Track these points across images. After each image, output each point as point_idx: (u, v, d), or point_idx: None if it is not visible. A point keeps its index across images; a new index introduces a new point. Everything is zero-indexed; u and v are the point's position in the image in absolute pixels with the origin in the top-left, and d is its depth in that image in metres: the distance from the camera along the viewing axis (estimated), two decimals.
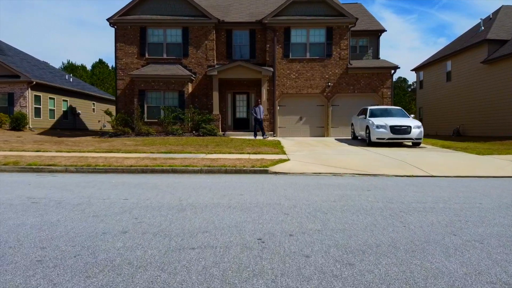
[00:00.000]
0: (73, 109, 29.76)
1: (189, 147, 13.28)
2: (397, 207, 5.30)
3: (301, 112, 21.03)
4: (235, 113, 21.75)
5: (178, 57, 20.92)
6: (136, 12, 20.92)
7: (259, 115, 17.99)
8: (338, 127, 20.96)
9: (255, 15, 22.04)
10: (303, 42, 20.86)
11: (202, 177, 8.19)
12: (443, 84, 29.27)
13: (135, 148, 13.21)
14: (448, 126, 28.13)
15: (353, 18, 20.42)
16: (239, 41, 21.47)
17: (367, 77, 20.76)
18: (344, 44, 20.72)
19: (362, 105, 20.74)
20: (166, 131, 18.85)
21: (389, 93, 20.72)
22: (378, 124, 14.74)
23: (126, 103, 20.89)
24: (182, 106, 20.11)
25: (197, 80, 20.96)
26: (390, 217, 4.74)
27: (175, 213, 4.92)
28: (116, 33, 20.92)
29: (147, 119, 20.12)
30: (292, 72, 20.90)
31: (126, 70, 20.87)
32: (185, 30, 20.82)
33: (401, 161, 10.49)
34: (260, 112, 18.05)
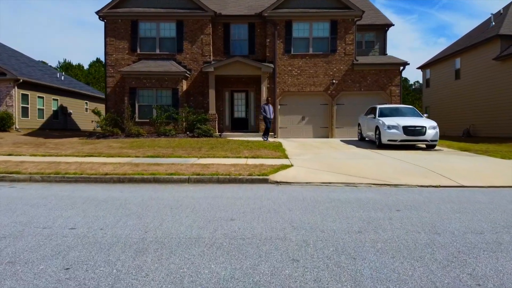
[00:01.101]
0: (64, 108, 28.40)
1: (180, 150, 11.91)
2: (450, 243, 3.90)
3: (303, 111, 19.66)
4: (233, 112, 20.39)
5: (172, 53, 19.55)
6: (127, 4, 19.55)
7: (269, 114, 16.57)
8: (343, 127, 19.58)
9: (255, 7, 20.67)
10: (305, 36, 19.48)
11: (188, 188, 6.81)
12: (451, 82, 27.90)
13: (119, 151, 11.84)
14: (457, 126, 26.76)
15: (359, 10, 19.05)
16: (237, 35, 20.11)
17: (374, 74, 19.39)
18: (349, 39, 19.34)
19: (368, 103, 19.36)
20: (158, 132, 17.49)
21: (398, 91, 19.34)
22: (389, 124, 13.37)
23: (117, 101, 19.52)
24: (176, 105, 18.74)
25: (192, 77, 19.59)
26: (449, 264, 3.32)
27: (130, 258, 3.48)
28: (105, 27, 19.56)
29: (138, 118, 18.75)
30: (294, 69, 19.53)
31: (116, 67, 19.50)
32: (179, 24, 19.46)
33: (421, 167, 9.12)
34: (269, 111, 16.62)
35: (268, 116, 16.58)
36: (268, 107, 16.69)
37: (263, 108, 16.69)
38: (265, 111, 16.65)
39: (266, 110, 16.66)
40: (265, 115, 16.62)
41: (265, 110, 16.65)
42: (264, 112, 16.63)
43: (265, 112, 16.65)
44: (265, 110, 16.66)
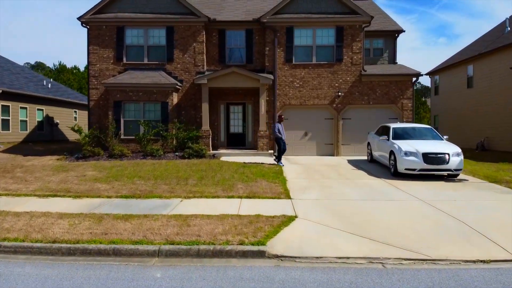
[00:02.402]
0: (50, 119, 26.61)
1: (163, 185, 10.12)
2: None
3: (306, 126, 17.88)
4: (228, 127, 18.60)
5: (161, 62, 17.76)
6: (113, 9, 17.77)
7: (283, 135, 14.24)
8: (350, 144, 17.79)
9: (253, 12, 18.88)
10: (308, 44, 17.69)
11: (154, 274, 5.01)
12: (463, 90, 26.11)
13: (90, 186, 10.05)
14: (470, 137, 24.97)
15: (368, 16, 17.27)
16: (233, 43, 18.32)
17: (384, 86, 17.59)
18: (357, 47, 17.55)
19: (378, 118, 17.60)
20: (144, 151, 15.70)
21: (410, 105, 17.55)
22: (406, 150, 11.58)
23: (101, 116, 17.73)
24: (165, 120, 16.95)
25: (184, 89, 17.81)
26: None
27: None
28: (88, 34, 17.78)
29: (124, 135, 16.97)
30: (295, 80, 17.75)
31: (100, 78, 17.72)
32: (169, 30, 17.67)
33: (457, 219, 7.33)
34: (283, 131, 14.33)
35: (283, 136, 14.23)
36: (281, 126, 14.33)
37: (276, 128, 14.16)
38: (279, 131, 14.18)
39: (280, 130, 14.20)
40: (279, 136, 14.08)
41: (279, 130, 14.18)
42: (279, 133, 14.11)
43: (280, 132, 14.16)
44: (279, 130, 14.16)
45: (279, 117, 14.63)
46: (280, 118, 14.58)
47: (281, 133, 14.11)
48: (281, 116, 14.74)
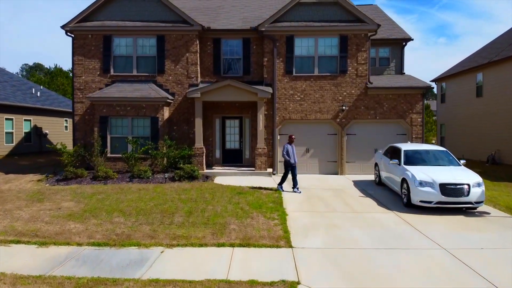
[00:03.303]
0: (38, 129, 25.35)
1: (144, 224, 8.83)
2: None
3: (308, 142, 16.60)
4: (224, 142, 17.32)
5: (151, 74, 16.49)
6: (99, 17, 16.50)
7: (294, 158, 12.59)
8: (356, 161, 16.51)
9: (250, 20, 17.62)
10: (310, 54, 16.42)
11: None
12: (472, 99, 24.83)
13: (63, 225, 8.77)
14: (479, 149, 23.71)
15: (374, 24, 15.99)
16: (229, 53, 17.05)
17: (391, 99, 16.31)
18: (362, 58, 16.27)
19: (385, 134, 16.34)
20: (132, 172, 14.42)
21: (420, 120, 16.27)
22: (421, 179, 10.30)
23: (86, 132, 16.46)
24: (155, 136, 15.68)
25: (176, 102, 16.53)
26: None
27: None
28: (73, 44, 16.50)
29: (110, 153, 15.71)
30: (296, 93, 16.47)
31: (86, 91, 16.45)
32: (160, 40, 16.39)
33: (489, 282, 6.06)
34: (294, 153, 12.66)
35: (293, 160, 12.56)
36: (292, 148, 12.67)
37: (285, 150, 12.55)
38: (288, 153, 12.52)
39: (289, 152, 12.54)
40: (287, 159, 12.51)
41: (288, 153, 12.53)
42: (287, 155, 12.50)
43: (288, 154, 12.52)
44: (287, 152, 12.54)
45: (289, 137, 12.87)
46: (291, 139, 12.81)
47: (290, 156, 12.47)
48: (291, 137, 12.89)
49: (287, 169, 12.61)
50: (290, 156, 12.51)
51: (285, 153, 12.52)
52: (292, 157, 12.53)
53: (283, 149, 12.62)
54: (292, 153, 12.56)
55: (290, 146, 12.64)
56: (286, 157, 12.50)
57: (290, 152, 12.54)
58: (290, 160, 12.50)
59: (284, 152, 12.54)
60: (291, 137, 12.93)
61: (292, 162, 12.54)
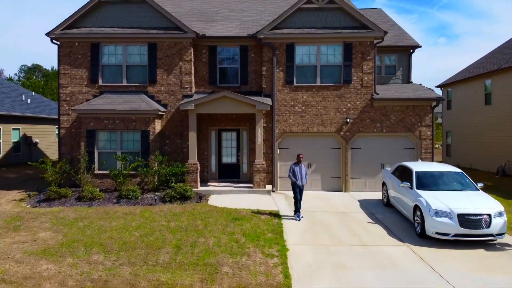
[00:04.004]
0: (27, 138, 24.29)
1: (125, 265, 7.76)
2: None
3: (309, 157, 15.54)
4: (220, 156, 16.26)
5: (142, 84, 15.43)
6: (87, 23, 15.44)
7: (301, 179, 11.28)
8: (361, 177, 15.45)
9: (248, 26, 16.57)
10: (312, 63, 15.37)
11: None
12: (480, 107, 23.76)
13: (33, 267, 7.71)
14: (487, 159, 22.68)
15: (380, 31, 14.93)
16: (226, 61, 16.00)
17: (399, 112, 15.26)
18: (367, 67, 15.22)
19: (392, 148, 15.29)
20: (120, 191, 13.34)
21: (429, 133, 15.21)
22: (437, 208, 9.25)
23: (73, 146, 15.40)
24: (146, 151, 14.63)
25: (169, 114, 15.47)
26: None
27: None
28: (59, 52, 15.44)
29: (98, 169, 14.66)
30: (297, 104, 15.42)
31: (72, 102, 15.40)
32: (152, 48, 15.34)
33: None
34: (302, 174, 11.32)
35: (299, 182, 11.25)
36: (299, 169, 11.35)
37: (291, 170, 11.35)
38: (294, 174, 11.29)
39: (296, 172, 11.29)
40: (294, 180, 11.26)
41: (294, 173, 11.29)
42: (293, 176, 11.28)
43: (295, 175, 11.27)
44: (294, 173, 11.29)
45: (297, 157, 11.50)
46: (299, 159, 11.46)
47: (296, 177, 11.24)
48: (299, 156, 11.51)
49: (295, 190, 11.33)
50: (297, 177, 11.26)
51: (290, 174, 11.30)
52: (299, 178, 11.26)
53: (289, 169, 11.40)
54: (299, 174, 11.28)
55: (297, 167, 11.36)
56: (292, 178, 11.28)
57: (297, 172, 11.28)
58: (297, 182, 11.24)
59: (290, 173, 11.32)
60: (298, 156, 11.53)
61: (299, 184, 11.26)
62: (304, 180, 11.36)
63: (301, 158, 11.52)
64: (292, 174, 11.30)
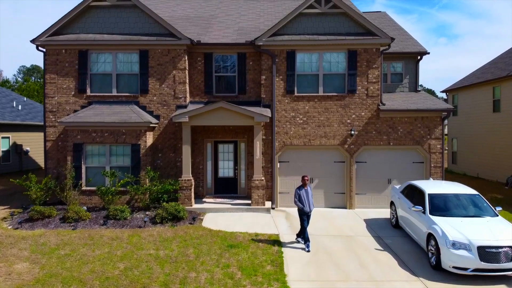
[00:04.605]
0: (18, 146, 23.36)
1: None
2: None
3: (311, 171, 14.60)
4: (217, 170, 15.33)
5: (133, 94, 14.50)
6: (74, 29, 14.52)
7: (308, 205, 10.04)
8: (366, 193, 14.51)
9: (246, 32, 15.64)
10: (314, 72, 14.44)
11: None
12: (487, 114, 22.83)
13: None
14: (496, 168, 21.76)
15: (387, 37, 14.00)
16: (223, 69, 15.07)
17: (407, 123, 14.32)
18: (373, 75, 14.28)
19: (399, 162, 14.38)
20: (108, 211, 12.41)
21: (439, 146, 14.27)
22: (455, 239, 8.31)
23: (59, 161, 14.48)
24: (136, 166, 13.70)
25: (161, 126, 14.54)
26: None
27: None
28: (45, 60, 14.52)
29: (86, 186, 13.73)
30: (298, 115, 14.49)
31: (59, 113, 14.47)
32: (143, 55, 14.41)
33: None
34: (309, 199, 10.09)
35: (307, 208, 10.00)
36: (306, 193, 10.11)
37: (296, 195, 10.08)
38: (301, 199, 10.05)
39: (302, 197, 10.05)
40: (301, 206, 10.03)
41: (301, 198, 10.05)
42: (300, 202, 10.05)
43: (301, 201, 10.03)
44: (300, 198, 10.06)
45: (302, 179, 10.22)
46: (304, 181, 10.17)
47: (303, 202, 9.99)
48: (304, 179, 10.18)
49: (302, 217, 10.06)
50: (304, 203, 10.02)
51: (296, 199, 10.05)
52: (306, 204, 10.01)
53: (295, 195, 10.11)
54: (305, 198, 10.04)
55: (302, 191, 10.09)
56: (298, 205, 10.03)
57: (303, 197, 10.04)
58: (304, 208, 9.99)
59: (296, 198, 10.06)
60: (303, 178, 10.22)
61: (306, 210, 9.99)
62: (312, 206, 10.15)
63: (306, 181, 10.19)
64: (298, 200, 10.03)
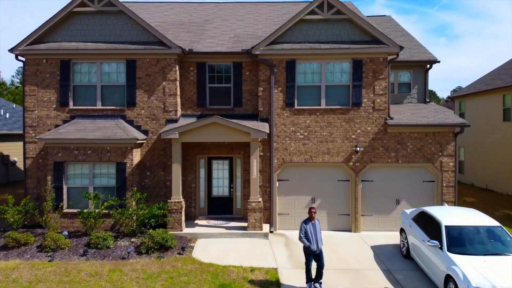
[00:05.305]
0: (4, 157, 22.26)
1: None
2: None
3: (313, 190, 13.46)
4: (211, 188, 14.18)
5: (119, 107, 13.36)
6: (56, 37, 13.41)
7: (316, 243, 8.58)
8: (373, 215, 13.36)
9: (243, 38, 14.52)
10: (316, 83, 13.30)
11: None
12: (497, 123, 21.70)
13: None
14: (506, 180, 20.68)
15: (395, 46, 12.86)
16: (217, 80, 13.94)
17: (417, 139, 13.17)
18: (380, 87, 13.15)
19: (409, 180, 13.27)
20: (89, 237, 11.26)
21: (452, 164, 13.12)
22: (478, 285, 7.15)
23: (40, 180, 13.35)
24: (122, 187, 12.57)
25: (150, 142, 13.41)
26: None
27: None
28: (24, 71, 13.41)
29: (67, 207, 12.62)
30: (298, 130, 13.35)
31: (40, 128, 13.36)
32: (130, 65, 13.28)
33: None
34: (317, 235, 8.64)
35: (314, 246, 8.53)
36: (313, 228, 8.66)
37: (302, 231, 8.63)
38: (307, 235, 8.59)
39: (309, 233, 8.59)
40: (307, 244, 8.56)
41: (307, 235, 8.59)
42: (306, 239, 8.59)
43: (308, 237, 8.58)
44: (306, 234, 8.60)
45: (309, 212, 8.74)
46: (311, 214, 8.69)
47: (310, 239, 8.55)
48: (311, 211, 8.70)
49: (308, 258, 8.66)
50: (310, 240, 8.56)
51: (302, 235, 8.59)
52: (313, 241, 8.55)
53: (300, 229, 8.67)
54: (313, 235, 8.58)
55: (309, 225, 8.65)
56: (305, 242, 8.56)
57: (310, 233, 8.58)
58: (311, 247, 8.51)
59: (302, 234, 8.61)
60: (310, 211, 8.72)
61: (313, 248, 8.50)
62: (321, 243, 8.66)
63: (313, 213, 8.73)
64: (304, 236, 8.59)
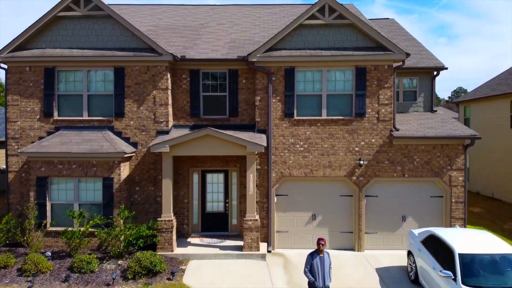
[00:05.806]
0: None
1: None
2: None
3: (314, 206, 12.64)
4: (204, 204, 13.34)
5: (107, 118, 12.53)
6: (39, 43, 12.59)
7: (323, 279, 7.74)
8: (377, 232, 12.53)
9: (239, 43, 13.71)
10: (316, 92, 12.48)
11: None
12: (505, 130, 20.89)
13: None
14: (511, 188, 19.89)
15: (401, 53, 12.04)
16: (211, 88, 13.12)
17: (424, 152, 12.35)
18: (385, 96, 12.33)
19: (416, 196, 12.46)
20: (72, 260, 10.43)
21: (461, 179, 12.28)
22: None
23: (23, 195, 12.52)
24: (109, 204, 11.74)
25: (139, 155, 12.59)
26: None
27: None
28: (6, 79, 12.60)
29: (51, 226, 11.81)
30: (298, 141, 12.53)
31: (23, 140, 12.54)
32: (119, 73, 12.46)
33: None
34: (324, 270, 7.78)
35: (320, 283, 7.70)
36: (321, 262, 7.81)
37: (307, 264, 7.87)
38: (313, 270, 7.79)
39: (315, 268, 7.77)
40: (312, 280, 7.76)
41: (313, 269, 7.79)
42: (311, 274, 7.80)
43: (313, 272, 7.78)
44: (310, 268, 7.82)
45: (317, 243, 7.89)
46: (319, 246, 7.85)
47: (316, 275, 7.71)
48: (320, 243, 7.86)
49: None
50: (316, 276, 7.73)
51: (307, 270, 7.82)
52: (319, 277, 7.70)
53: (306, 263, 7.88)
54: (319, 269, 7.72)
55: (316, 259, 7.80)
56: (309, 277, 7.76)
57: (316, 268, 7.74)
58: (315, 283, 7.71)
59: (306, 268, 7.83)
60: (319, 243, 7.85)
61: (319, 285, 7.67)
62: (328, 280, 7.76)
63: (322, 246, 7.83)
64: (309, 271, 7.79)
